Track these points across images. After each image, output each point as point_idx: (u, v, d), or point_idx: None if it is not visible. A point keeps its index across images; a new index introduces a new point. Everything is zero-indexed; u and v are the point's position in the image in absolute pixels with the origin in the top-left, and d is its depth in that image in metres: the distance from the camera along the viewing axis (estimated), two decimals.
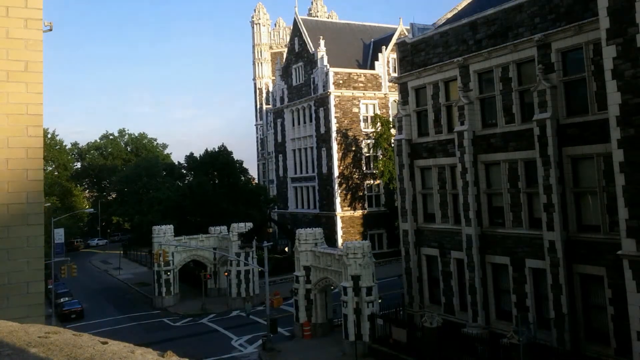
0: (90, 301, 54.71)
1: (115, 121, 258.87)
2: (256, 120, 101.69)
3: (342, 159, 62.89)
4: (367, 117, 64.35)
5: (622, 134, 20.73)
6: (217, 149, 69.66)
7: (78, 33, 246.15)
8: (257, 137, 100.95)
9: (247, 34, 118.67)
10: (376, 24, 74.14)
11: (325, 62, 63.71)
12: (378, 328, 32.92)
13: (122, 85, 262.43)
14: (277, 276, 54.59)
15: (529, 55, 27.54)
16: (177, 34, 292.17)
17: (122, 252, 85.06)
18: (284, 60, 74.09)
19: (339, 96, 62.92)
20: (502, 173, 29.18)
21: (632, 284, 20.56)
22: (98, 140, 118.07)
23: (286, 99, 71.74)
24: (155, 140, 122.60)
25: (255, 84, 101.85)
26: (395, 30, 66.58)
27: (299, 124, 69.78)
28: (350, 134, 63.35)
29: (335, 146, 62.66)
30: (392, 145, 44.14)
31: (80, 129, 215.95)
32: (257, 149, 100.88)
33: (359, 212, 62.89)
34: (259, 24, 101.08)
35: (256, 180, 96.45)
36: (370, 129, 63.47)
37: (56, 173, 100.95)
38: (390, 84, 60.94)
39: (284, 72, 72.38)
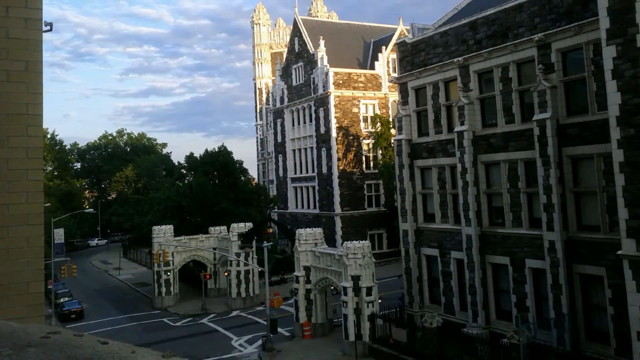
0: (90, 301, 54.68)
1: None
2: (256, 120, 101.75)
3: (342, 159, 62.85)
4: (367, 117, 64.33)
5: (622, 134, 20.73)
6: (217, 149, 69.64)
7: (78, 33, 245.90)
8: (257, 137, 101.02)
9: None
10: (376, 24, 74.12)
11: (325, 62, 63.68)
12: (378, 328, 32.92)
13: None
14: (277, 276, 54.70)
15: (529, 55, 27.54)
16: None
17: (122, 251, 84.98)
18: (284, 60, 74.04)
19: (339, 96, 62.89)
20: (502, 173, 29.19)
21: (632, 284, 20.56)
22: (98, 141, 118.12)
23: (286, 99, 71.69)
24: (155, 140, 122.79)
25: (255, 84, 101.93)
26: (395, 30, 66.57)
27: (298, 124, 69.75)
28: (350, 133, 63.34)
29: (335, 146, 62.62)
30: (392, 145, 44.14)
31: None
32: (257, 149, 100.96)
33: (359, 212, 62.87)
34: (259, 24, 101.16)
35: (256, 180, 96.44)
36: (370, 129, 63.46)
37: (56, 173, 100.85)
38: (390, 84, 60.93)
39: (284, 72, 72.33)
